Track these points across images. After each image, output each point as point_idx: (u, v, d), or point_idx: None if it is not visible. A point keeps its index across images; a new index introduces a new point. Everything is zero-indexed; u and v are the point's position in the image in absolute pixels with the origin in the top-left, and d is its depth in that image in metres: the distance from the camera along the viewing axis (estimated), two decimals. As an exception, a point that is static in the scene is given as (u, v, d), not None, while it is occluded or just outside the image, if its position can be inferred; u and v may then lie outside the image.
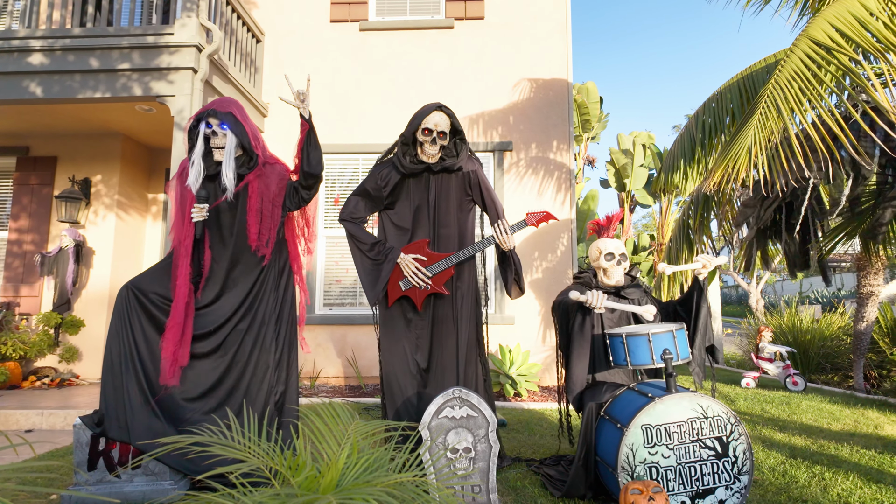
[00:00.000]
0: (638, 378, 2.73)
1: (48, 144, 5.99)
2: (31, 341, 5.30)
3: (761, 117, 3.63)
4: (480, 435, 2.25)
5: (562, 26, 6.20)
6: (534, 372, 5.14)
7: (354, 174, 6.13)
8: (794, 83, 3.52)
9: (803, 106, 3.48)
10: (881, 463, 2.92)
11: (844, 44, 3.39)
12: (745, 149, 3.62)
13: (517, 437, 3.55)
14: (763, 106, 3.64)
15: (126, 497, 2.34)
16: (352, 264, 3.01)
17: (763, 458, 3.01)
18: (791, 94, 3.52)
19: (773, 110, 3.59)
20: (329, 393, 5.17)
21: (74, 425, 2.41)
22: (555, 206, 5.97)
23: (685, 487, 2.13)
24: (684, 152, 5.57)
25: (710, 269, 2.58)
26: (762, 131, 3.59)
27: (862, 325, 5.26)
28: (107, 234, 5.83)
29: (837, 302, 9.47)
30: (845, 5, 3.50)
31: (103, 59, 4.60)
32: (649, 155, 12.91)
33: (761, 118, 3.63)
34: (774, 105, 3.58)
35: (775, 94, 3.60)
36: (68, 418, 4.07)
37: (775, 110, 3.57)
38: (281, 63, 6.23)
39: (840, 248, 5.57)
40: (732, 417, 2.18)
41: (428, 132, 2.83)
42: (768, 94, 3.64)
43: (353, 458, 1.45)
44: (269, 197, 2.69)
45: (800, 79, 3.51)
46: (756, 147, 3.57)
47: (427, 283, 2.84)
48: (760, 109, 3.65)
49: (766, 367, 5.61)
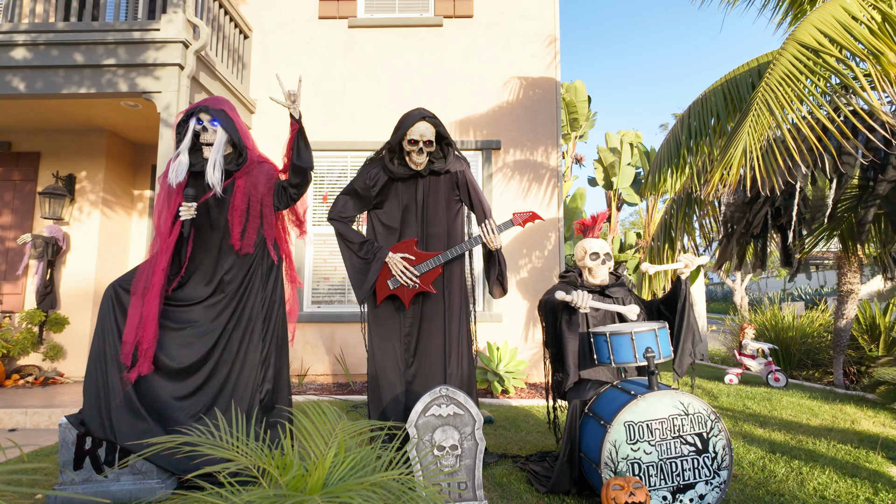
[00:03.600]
0: (622, 376, 2.78)
1: (31, 140, 5.90)
2: (14, 339, 5.24)
3: (754, 119, 3.68)
4: (467, 432, 2.29)
5: (550, 25, 6.24)
6: (521, 369, 5.18)
7: (343, 171, 6.13)
8: (784, 85, 3.58)
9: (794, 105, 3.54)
10: (857, 457, 3.00)
11: (831, 46, 3.45)
12: (741, 150, 3.67)
13: (504, 433, 3.59)
14: (755, 108, 3.70)
15: (113, 496, 2.34)
16: (340, 262, 3.03)
17: (743, 454, 3.07)
18: (782, 95, 3.57)
19: (765, 111, 3.64)
20: (317, 390, 5.18)
21: (60, 424, 2.40)
22: (542, 205, 6.01)
23: (666, 483, 2.18)
24: (670, 155, 5.64)
25: (692, 268, 2.63)
26: (756, 132, 3.64)
27: (842, 322, 5.37)
28: (92, 231, 5.77)
29: (820, 299, 9.64)
30: (829, 10, 3.57)
31: (88, 55, 4.54)
32: (636, 154, 13.02)
33: (754, 120, 3.68)
34: (767, 106, 3.64)
35: (767, 95, 3.65)
36: (53, 417, 4.04)
37: (768, 111, 3.63)
38: (269, 60, 6.19)
39: (821, 245, 5.68)
40: (712, 414, 2.24)
41: (413, 143, 2.85)
42: (760, 95, 3.70)
43: (341, 457, 1.47)
44: (256, 196, 2.69)
45: (791, 80, 3.56)
46: (752, 147, 3.62)
47: (415, 281, 2.86)
48: (753, 111, 3.71)
49: (748, 364, 5.71)
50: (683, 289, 2.64)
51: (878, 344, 5.82)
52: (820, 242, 5.61)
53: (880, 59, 3.38)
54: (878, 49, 3.38)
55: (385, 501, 1.24)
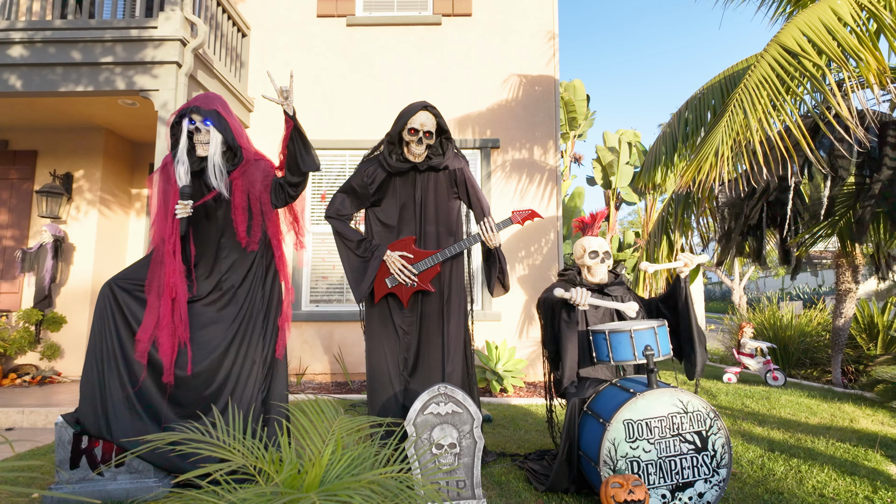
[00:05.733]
0: (621, 374, 2.77)
1: (28, 138, 5.88)
2: (10, 338, 5.21)
3: (729, 121, 3.72)
4: (465, 431, 2.28)
5: (549, 23, 6.23)
6: (520, 368, 5.18)
7: (341, 170, 6.11)
8: (763, 88, 3.60)
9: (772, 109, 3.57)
10: (855, 456, 3.00)
11: (811, 50, 3.47)
12: (713, 151, 3.70)
13: (502, 432, 3.58)
14: (731, 110, 3.72)
15: (109, 495, 2.33)
16: (338, 261, 3.00)
17: (742, 452, 3.07)
18: (758, 98, 3.60)
19: (739, 113, 3.67)
20: (315, 390, 5.16)
21: (56, 423, 2.38)
22: (541, 204, 6.01)
23: (665, 481, 2.17)
24: (666, 150, 5.64)
25: (691, 267, 2.62)
26: (730, 134, 3.67)
27: (840, 321, 5.37)
28: (89, 229, 5.75)
29: (818, 298, 9.65)
30: (816, 12, 3.57)
31: (85, 52, 4.52)
32: (635, 153, 13.02)
33: (729, 122, 3.71)
34: (741, 109, 3.66)
35: (743, 97, 3.68)
36: (50, 416, 4.02)
37: (742, 113, 3.65)
38: (267, 58, 6.18)
39: (820, 244, 5.68)
40: (711, 412, 2.23)
41: (414, 132, 2.84)
42: (737, 97, 3.73)
43: (338, 454, 1.46)
44: (254, 194, 2.67)
45: (767, 84, 3.59)
46: (724, 148, 3.65)
47: (413, 280, 2.85)
48: (728, 113, 3.74)
49: (747, 363, 5.71)
50: (683, 287, 2.63)
51: (876, 343, 5.83)
52: (818, 241, 5.61)
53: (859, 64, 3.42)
54: (859, 54, 3.40)
55: (383, 499, 1.23)
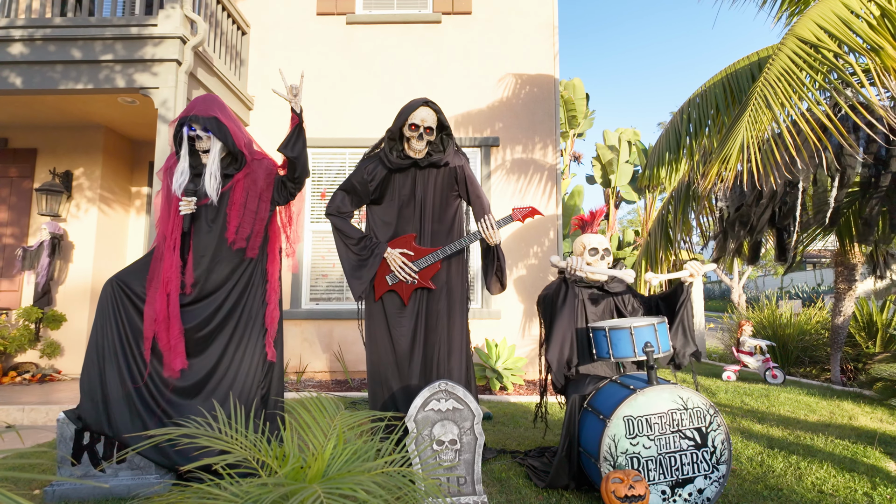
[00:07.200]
0: (621, 370, 2.78)
1: (28, 136, 5.88)
2: (10, 336, 5.21)
3: (752, 114, 3.67)
4: (466, 427, 2.28)
5: (549, 22, 6.23)
6: (519, 366, 5.18)
7: (341, 168, 6.11)
8: (783, 80, 3.57)
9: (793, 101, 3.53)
10: (854, 452, 3.01)
11: (830, 41, 3.44)
12: (738, 146, 3.66)
13: (503, 429, 3.59)
14: (753, 103, 3.68)
15: (111, 491, 2.33)
16: (338, 259, 2.99)
17: (741, 449, 3.08)
18: (781, 91, 3.57)
19: (763, 107, 3.63)
20: (315, 388, 5.17)
21: (58, 419, 2.39)
22: (541, 202, 6.01)
23: (665, 477, 2.18)
24: (669, 147, 5.63)
25: (697, 277, 2.62)
26: (753, 129, 3.63)
27: (839, 319, 5.38)
28: (89, 227, 5.75)
29: (817, 297, 9.66)
30: (829, 5, 3.56)
31: (85, 50, 4.52)
32: (634, 151, 13.04)
33: (752, 115, 3.67)
34: (765, 101, 3.63)
35: (766, 90, 3.64)
36: (50, 414, 4.03)
37: (766, 107, 3.62)
38: (267, 56, 6.17)
39: (819, 243, 5.68)
40: (711, 409, 2.24)
41: (415, 127, 2.84)
42: (758, 91, 3.69)
43: (339, 448, 1.46)
44: (255, 192, 2.68)
45: (788, 76, 3.56)
46: (750, 143, 3.61)
47: (414, 277, 2.86)
48: (751, 107, 3.70)
49: (746, 361, 5.72)
50: (685, 293, 2.64)
51: (875, 341, 5.84)
52: (817, 240, 5.61)
53: (880, 53, 3.38)
54: (878, 44, 3.37)
55: (386, 491, 1.23)
